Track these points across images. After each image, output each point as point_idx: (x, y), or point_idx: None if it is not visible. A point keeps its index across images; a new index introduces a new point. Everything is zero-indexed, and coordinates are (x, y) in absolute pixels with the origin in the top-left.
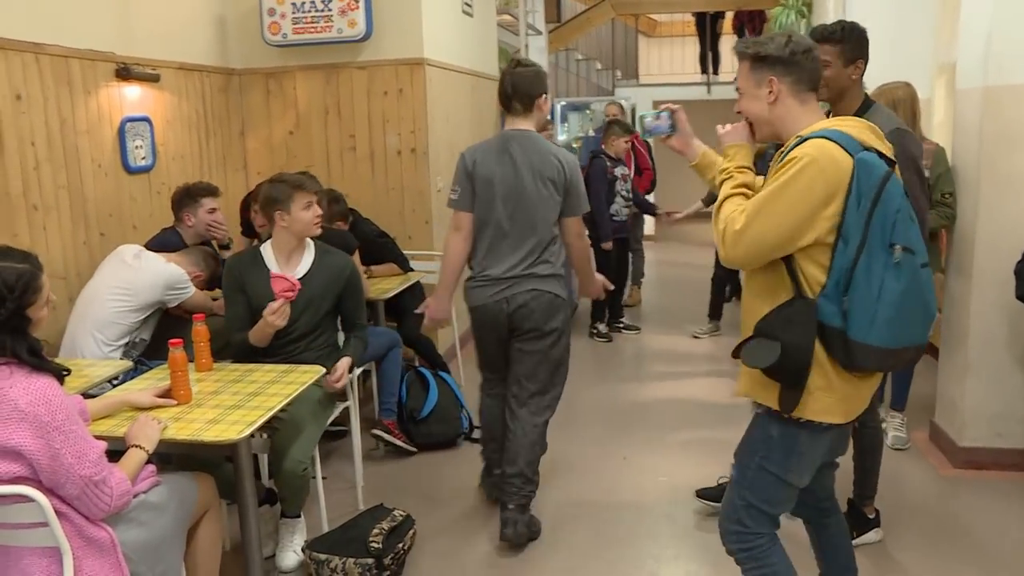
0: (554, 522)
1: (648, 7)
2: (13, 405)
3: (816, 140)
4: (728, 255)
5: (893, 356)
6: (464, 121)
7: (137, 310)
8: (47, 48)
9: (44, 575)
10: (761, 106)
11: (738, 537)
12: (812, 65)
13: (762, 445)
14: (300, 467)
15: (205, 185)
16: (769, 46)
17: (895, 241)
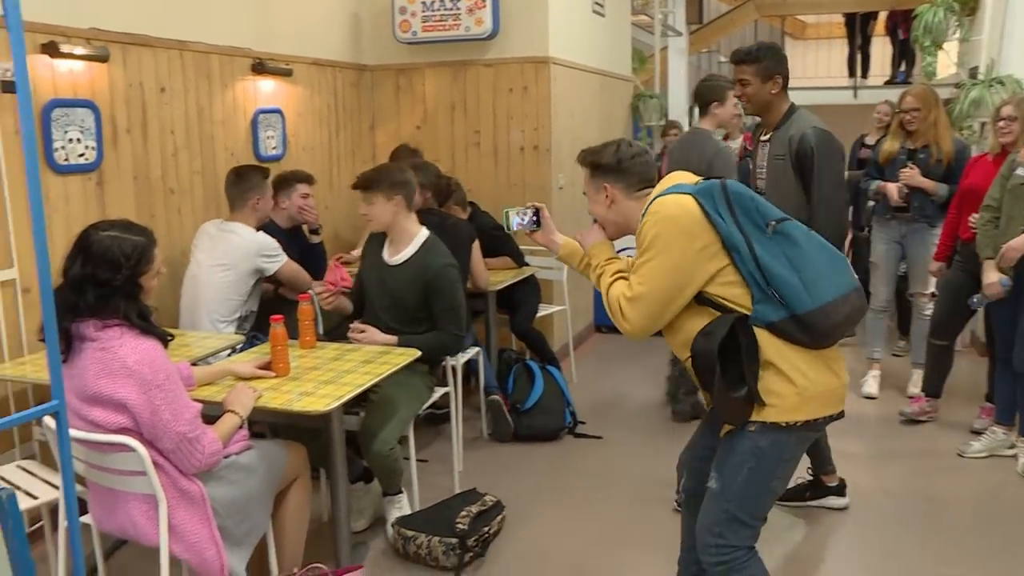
0: (651, 519)
1: (794, 8)
2: (122, 362)
3: (655, 202)
4: (630, 324)
5: (844, 304)
6: (592, 120)
7: (239, 280)
8: (190, 45)
9: (144, 518)
10: (602, 209)
11: (718, 550)
12: (641, 169)
13: (751, 457)
14: (386, 447)
15: (302, 172)
16: (601, 156)
17: (767, 220)
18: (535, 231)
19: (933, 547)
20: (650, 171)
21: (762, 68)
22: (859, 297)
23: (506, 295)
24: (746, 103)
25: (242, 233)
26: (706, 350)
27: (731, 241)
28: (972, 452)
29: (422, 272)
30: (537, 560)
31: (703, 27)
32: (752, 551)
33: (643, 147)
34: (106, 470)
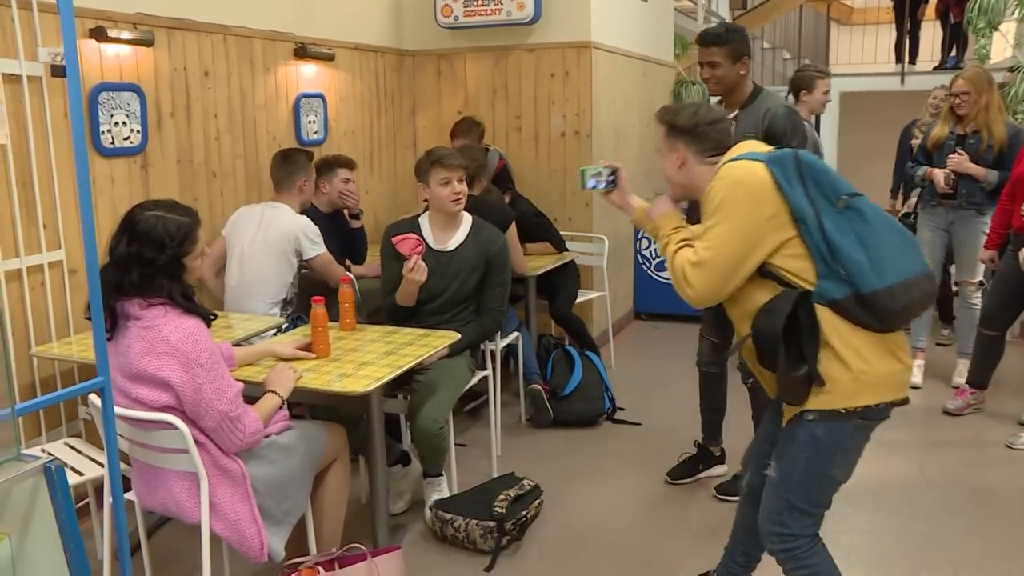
0: (687, 506)
1: None
2: (166, 341)
3: (726, 167)
4: (694, 290)
5: (913, 287)
6: (633, 105)
7: (286, 261)
8: (233, 29)
9: (186, 495)
10: (672, 169)
11: (780, 539)
12: (717, 135)
13: (808, 446)
14: (436, 426)
15: (344, 157)
16: (679, 117)
17: (839, 194)
18: (611, 192)
19: (980, 539)
20: (725, 139)
21: (732, 49)
22: (929, 283)
23: (546, 280)
24: (715, 84)
25: (286, 212)
26: (770, 330)
27: (799, 212)
28: (1021, 444)
29: (484, 249)
30: (574, 545)
31: (747, 12)
32: (815, 539)
33: (723, 113)
34: (149, 447)
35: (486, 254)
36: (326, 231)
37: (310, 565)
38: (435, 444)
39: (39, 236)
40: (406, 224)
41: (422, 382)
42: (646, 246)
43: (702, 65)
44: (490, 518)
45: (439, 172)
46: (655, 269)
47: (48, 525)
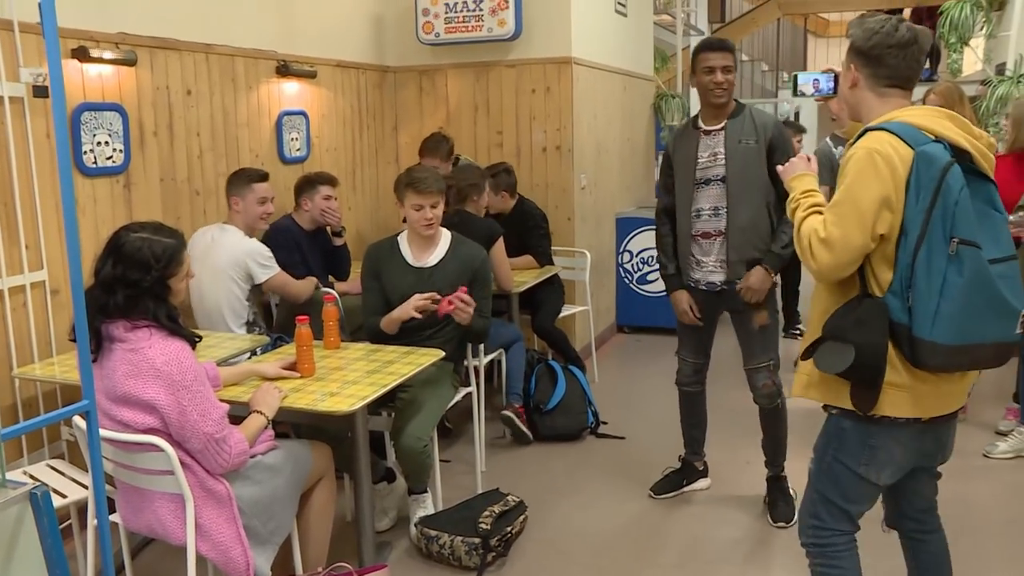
0: (671, 520)
1: (816, 6)
2: (151, 363)
3: (874, 133)
4: (819, 265)
5: (963, 354)
6: (614, 119)
7: (234, 286)
8: (215, 48)
9: (171, 517)
10: (845, 86)
11: (814, 532)
12: (898, 63)
13: (835, 438)
14: (420, 444)
15: (325, 174)
16: (857, 34)
17: (955, 234)
18: (832, 96)
19: (959, 548)
20: (908, 69)
21: (735, 58)
22: (995, 351)
23: (529, 295)
24: (724, 90)
25: (232, 236)
26: (871, 345)
27: (906, 223)
28: (998, 453)
29: (468, 263)
30: (559, 560)
31: (725, 26)
32: (849, 541)
33: (914, 36)
34: (134, 469)
35: (471, 268)
36: (308, 248)
37: None
38: (420, 462)
39: (21, 257)
40: (386, 243)
41: (405, 399)
42: (628, 259)
43: (713, 71)
44: (475, 534)
45: (412, 197)
46: (637, 282)
47: (32, 550)
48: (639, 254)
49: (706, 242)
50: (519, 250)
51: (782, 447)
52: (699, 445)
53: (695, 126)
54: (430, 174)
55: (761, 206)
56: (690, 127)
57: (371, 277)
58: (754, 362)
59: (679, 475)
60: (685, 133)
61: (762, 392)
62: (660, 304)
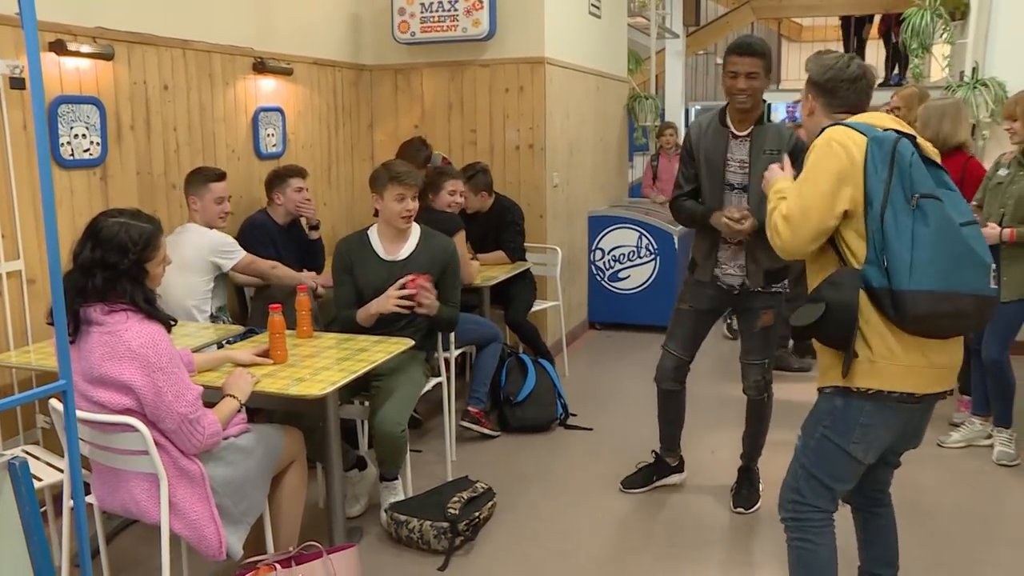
0: (636, 506)
1: (790, 10)
2: (127, 346)
3: (830, 129)
4: (782, 242)
5: (945, 300)
6: (587, 119)
7: (198, 278)
8: (193, 44)
9: (145, 496)
10: (804, 113)
11: (793, 507)
12: (847, 94)
13: (827, 415)
14: (398, 428)
15: (294, 167)
16: (815, 70)
17: (914, 191)
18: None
19: (912, 532)
20: (858, 99)
21: (767, 63)
22: (975, 303)
23: (501, 289)
24: (747, 97)
25: (195, 231)
26: (842, 302)
27: (869, 195)
28: (951, 442)
29: (440, 254)
30: (526, 544)
31: (700, 29)
32: (827, 519)
33: (863, 72)
34: (110, 450)
35: (442, 259)
36: (283, 243)
37: (268, 563)
38: (397, 446)
39: None
40: (355, 238)
41: (380, 387)
42: (600, 257)
43: (737, 76)
44: (444, 519)
45: (395, 188)
46: (609, 280)
47: (10, 520)
48: (611, 252)
49: (724, 247)
50: (495, 246)
51: (760, 442)
52: (675, 442)
53: (723, 124)
54: (410, 168)
55: None
56: (720, 125)
57: (343, 271)
58: (751, 357)
59: (651, 470)
60: (715, 131)
61: (752, 385)
62: (632, 301)
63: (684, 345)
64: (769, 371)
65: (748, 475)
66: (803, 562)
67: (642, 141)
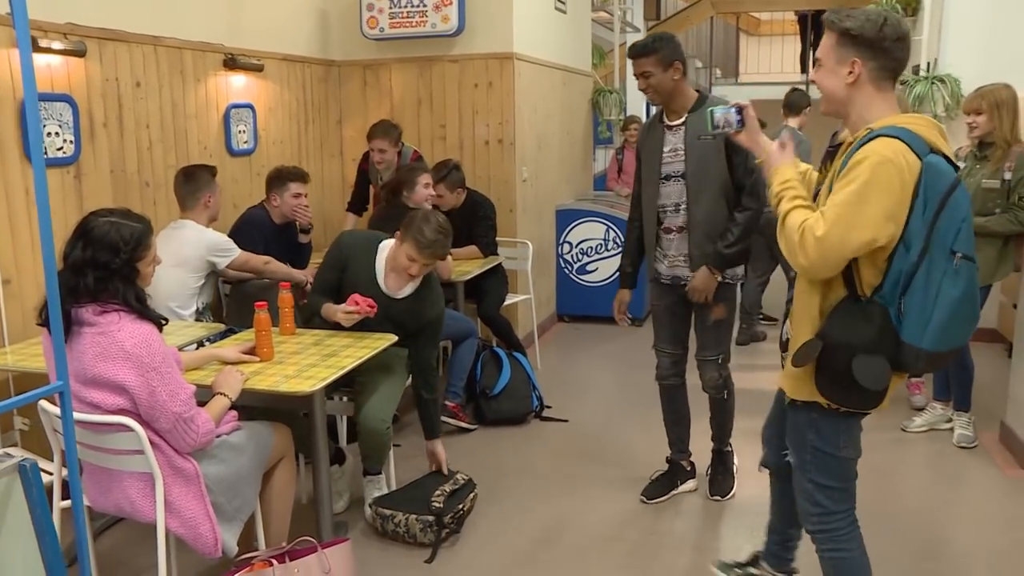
0: (616, 495)
1: (748, 5)
2: (120, 346)
3: (887, 139)
4: (809, 262)
5: (938, 359)
6: (554, 114)
7: (191, 275)
8: (164, 40)
9: (140, 496)
10: (838, 84)
11: (819, 519)
12: (901, 54)
13: (808, 428)
14: (383, 425)
15: (296, 170)
16: (864, 25)
17: (957, 249)
18: (739, 131)
19: (876, 512)
20: (905, 61)
21: (661, 57)
22: (956, 355)
23: (474, 284)
24: (652, 93)
25: (192, 229)
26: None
27: (910, 235)
28: (914, 427)
29: (426, 311)
30: (511, 535)
31: (660, 23)
32: (852, 522)
33: (906, 27)
34: (102, 450)
35: (426, 318)
36: (273, 241)
37: (262, 559)
38: (382, 443)
39: None
40: (365, 245)
41: (364, 384)
42: (568, 250)
43: (638, 77)
44: (429, 512)
45: (414, 251)
46: (577, 272)
47: (21, 522)
48: (579, 245)
49: (668, 237)
50: (468, 240)
51: (727, 429)
52: (684, 443)
53: (660, 120)
54: (442, 242)
55: (720, 201)
56: (656, 121)
57: (336, 265)
58: (704, 354)
59: (668, 477)
60: (652, 127)
61: (708, 383)
62: (599, 294)
63: (670, 341)
64: (724, 367)
65: (721, 458)
66: (841, 569)
67: (607, 135)
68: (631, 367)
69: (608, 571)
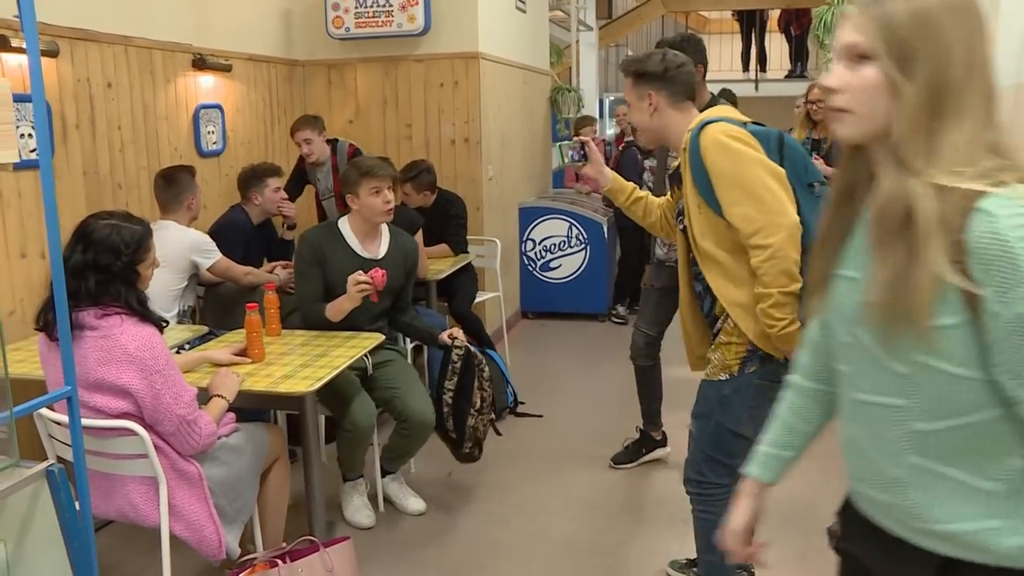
0: (601, 486)
1: (698, 4)
2: (123, 349)
3: (706, 128)
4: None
5: None
6: (515, 112)
7: (174, 277)
8: (134, 40)
9: (143, 500)
10: (644, 116)
11: (697, 485)
12: (686, 78)
13: (716, 404)
14: (432, 417)
15: (271, 166)
16: (647, 64)
17: (810, 180)
18: (583, 165)
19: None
20: (693, 82)
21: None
22: None
23: (446, 282)
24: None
25: (175, 230)
26: None
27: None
28: None
29: (408, 253)
30: (497, 528)
31: (612, 22)
32: (729, 489)
33: (687, 57)
34: (104, 455)
35: (411, 259)
36: (253, 242)
37: (264, 560)
38: (425, 437)
39: None
40: (326, 230)
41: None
42: (531, 247)
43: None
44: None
45: (369, 182)
46: (540, 269)
47: (49, 527)
48: (542, 242)
49: None
50: (439, 239)
51: None
52: (655, 416)
53: None
54: (377, 160)
55: None
56: None
57: (312, 264)
58: None
59: (637, 445)
60: None
61: None
62: (563, 290)
63: (650, 321)
64: None
65: None
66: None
67: (565, 132)
68: (599, 360)
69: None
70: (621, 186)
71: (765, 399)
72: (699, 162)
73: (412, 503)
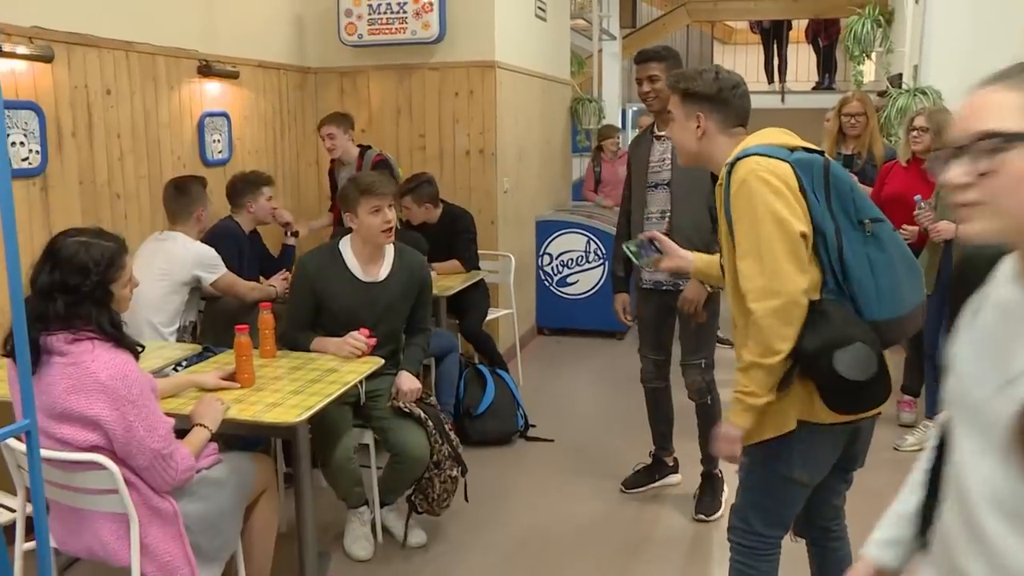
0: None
1: (723, 14)
2: (94, 378)
3: (742, 162)
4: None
5: (904, 323)
6: (534, 123)
7: (176, 291)
8: (136, 46)
9: (113, 538)
10: (690, 138)
11: (741, 533)
12: (740, 102)
13: (765, 446)
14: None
15: (264, 175)
16: (698, 83)
17: (861, 218)
18: (660, 259)
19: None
20: (747, 106)
21: (670, 65)
22: (921, 314)
23: (456, 299)
24: (654, 98)
25: (182, 243)
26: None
27: (821, 226)
28: (907, 446)
29: (416, 273)
30: (500, 560)
31: (636, 31)
32: (774, 547)
33: (741, 78)
34: (72, 489)
35: (418, 280)
36: (249, 252)
37: None
38: (421, 471)
39: None
40: (326, 253)
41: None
42: (548, 262)
43: (640, 82)
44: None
45: (369, 201)
46: (557, 285)
47: None
48: (559, 257)
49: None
50: (448, 255)
51: None
52: (667, 440)
53: (651, 132)
54: (378, 177)
55: (703, 210)
56: (647, 132)
57: (306, 291)
58: (687, 358)
59: (650, 470)
60: (642, 138)
61: (692, 388)
62: (580, 306)
63: (654, 346)
64: (708, 371)
65: (710, 482)
66: None
67: (585, 143)
68: (615, 381)
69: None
70: (707, 262)
71: (822, 439)
72: (728, 200)
73: (412, 535)
